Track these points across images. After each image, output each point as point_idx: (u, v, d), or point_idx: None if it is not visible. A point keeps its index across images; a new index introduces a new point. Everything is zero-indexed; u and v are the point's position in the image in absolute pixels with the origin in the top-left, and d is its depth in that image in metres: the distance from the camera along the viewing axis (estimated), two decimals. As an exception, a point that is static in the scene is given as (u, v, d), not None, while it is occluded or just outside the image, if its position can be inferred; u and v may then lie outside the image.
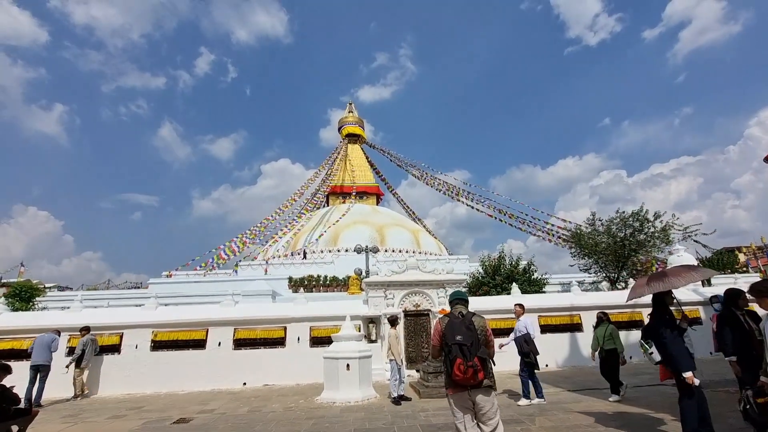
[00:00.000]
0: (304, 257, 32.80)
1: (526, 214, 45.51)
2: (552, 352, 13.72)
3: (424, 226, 55.43)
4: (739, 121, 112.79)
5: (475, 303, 14.07)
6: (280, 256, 38.41)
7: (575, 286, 15.33)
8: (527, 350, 8.44)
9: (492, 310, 13.90)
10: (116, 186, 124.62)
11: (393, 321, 9.73)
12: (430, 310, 13.49)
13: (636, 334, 14.38)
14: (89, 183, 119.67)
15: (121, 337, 12.09)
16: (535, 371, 8.46)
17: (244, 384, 11.99)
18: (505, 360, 10.63)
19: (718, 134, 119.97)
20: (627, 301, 5.81)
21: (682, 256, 24.04)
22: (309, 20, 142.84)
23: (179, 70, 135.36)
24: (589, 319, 14.23)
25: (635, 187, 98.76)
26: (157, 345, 12.12)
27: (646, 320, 14.95)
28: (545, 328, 13.98)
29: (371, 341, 12.56)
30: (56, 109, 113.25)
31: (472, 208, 50.59)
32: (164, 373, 11.84)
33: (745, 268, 28.49)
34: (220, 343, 12.27)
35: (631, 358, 14.10)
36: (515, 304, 9.31)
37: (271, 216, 48.49)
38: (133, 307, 13.35)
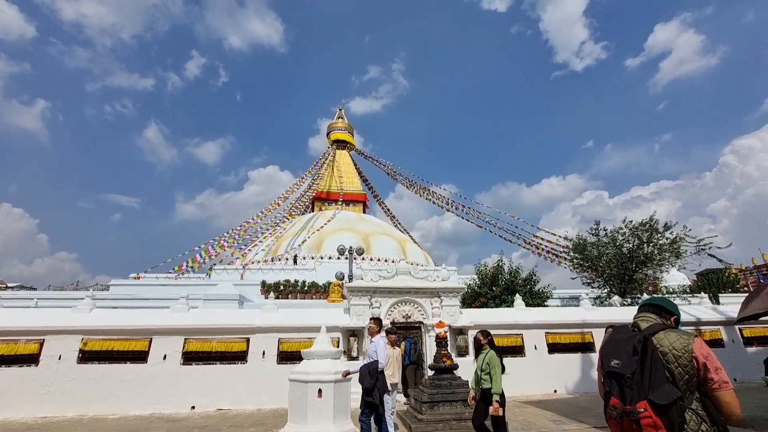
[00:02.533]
0: (295, 263, 30.56)
1: (516, 227, 44.42)
2: (561, 375, 11.88)
3: (411, 237, 53.84)
4: (714, 149, 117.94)
5: (473, 316, 12.19)
6: (259, 261, 36.18)
7: (585, 300, 13.60)
8: (369, 385, 6.28)
9: (493, 324, 12.01)
10: (97, 186, 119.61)
11: (391, 332, 7.70)
12: (422, 322, 11.53)
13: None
14: (69, 181, 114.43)
15: (41, 344, 9.72)
16: (384, 414, 6.45)
17: (193, 408, 9.73)
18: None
19: (695, 161, 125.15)
20: (739, 318, 4.04)
21: (671, 275, 22.85)
22: (305, 31, 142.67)
23: (169, 72, 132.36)
24: (602, 338, 12.48)
25: (615, 209, 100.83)
26: (87, 356, 9.80)
27: None
28: (553, 348, 12.14)
29: (352, 358, 10.50)
30: (38, 105, 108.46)
31: (462, 218, 49.21)
32: (92, 392, 9.50)
33: (745, 288, 27.36)
34: (165, 356, 10.02)
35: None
36: (370, 319, 6.95)
37: (252, 219, 46.24)
38: (61, 309, 10.99)
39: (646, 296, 14.45)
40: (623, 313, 13.44)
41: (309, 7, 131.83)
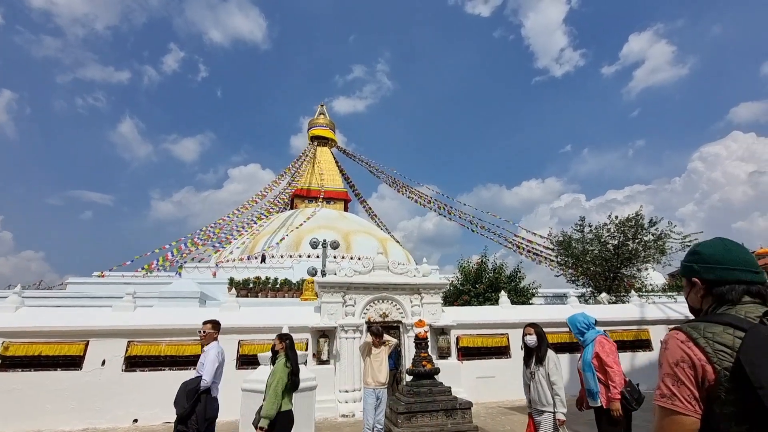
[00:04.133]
0: (263, 261, 29.14)
1: (498, 226, 44.24)
2: (548, 377, 11.09)
3: (392, 236, 53.03)
4: (684, 155, 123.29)
5: (456, 315, 11.29)
6: (234, 260, 34.62)
7: (572, 298, 12.90)
8: (183, 410, 4.59)
9: (477, 324, 11.16)
10: (66, 182, 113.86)
11: (378, 334, 6.67)
12: (400, 322, 10.53)
13: (643, 356, 12.08)
14: (36, 177, 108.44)
15: (-47, 350, 8.24)
16: None
17: (135, 421, 8.44)
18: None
19: (666, 166, 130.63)
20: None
21: (650, 275, 22.31)
22: (288, 28, 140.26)
23: (145, 65, 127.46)
24: (590, 338, 11.78)
25: (591, 211, 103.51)
26: (9, 362, 8.36)
27: (654, 339, 12.17)
28: (540, 348, 11.35)
29: (322, 362, 9.39)
30: (3, 96, 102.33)
31: (445, 217, 48.72)
32: (13, 405, 8.09)
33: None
34: (104, 362, 8.68)
35: (638, 385, 11.78)
36: (205, 323, 5.32)
37: (227, 217, 44.48)
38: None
39: (634, 294, 13.87)
40: (612, 312, 12.82)
41: (293, 4, 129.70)
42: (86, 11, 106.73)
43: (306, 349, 9.49)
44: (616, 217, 17.10)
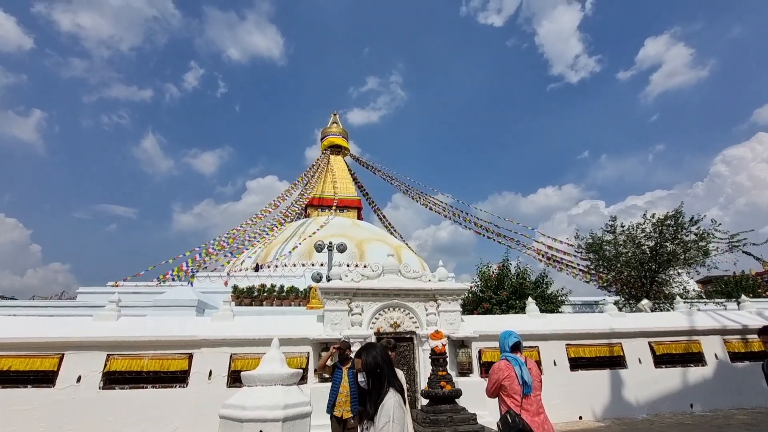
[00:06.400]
0: (256, 270, 28.71)
1: (516, 232, 42.54)
2: (587, 397, 9.61)
3: (407, 244, 51.83)
4: (706, 159, 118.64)
5: (477, 325, 9.97)
6: (247, 269, 34.22)
7: (610, 305, 11.38)
8: None
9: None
10: (93, 196, 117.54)
11: (389, 348, 5.47)
12: (414, 333, 9.29)
13: (695, 372, 10.44)
14: (64, 192, 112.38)
15: None
16: None
17: (111, 447, 7.41)
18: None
19: (688, 170, 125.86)
20: None
21: (688, 282, 19.85)
22: (304, 44, 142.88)
23: (167, 83, 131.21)
24: (634, 351, 10.27)
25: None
26: (-25, 379, 7.49)
27: (707, 351, 10.45)
28: (575, 363, 9.90)
29: (324, 379, 8.21)
30: (34, 116, 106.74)
31: (461, 225, 47.25)
32: (-22, 428, 7.19)
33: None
34: (80, 378, 7.72)
35: (692, 406, 10.18)
36: None
37: (241, 226, 44.24)
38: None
39: (680, 300, 12.24)
40: (657, 320, 11.25)
41: (309, 20, 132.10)
42: (112, 33, 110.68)
43: (306, 365, 8.35)
44: (653, 215, 15.49)
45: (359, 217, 56.14)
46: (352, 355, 5.42)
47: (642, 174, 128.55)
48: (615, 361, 10.14)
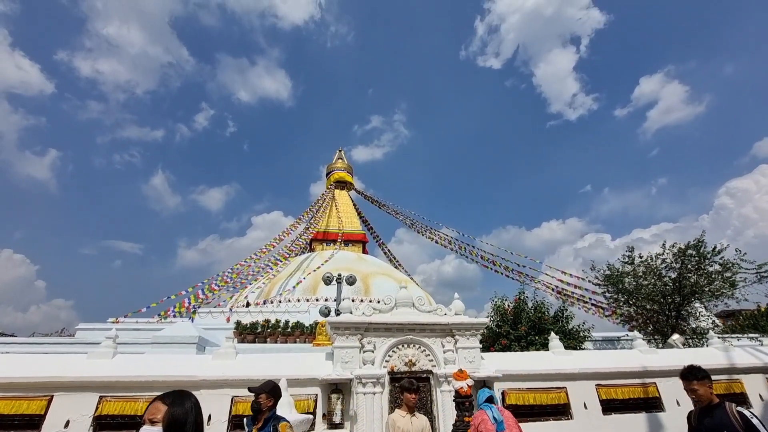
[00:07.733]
0: (247, 306, 28.23)
1: (523, 265, 41.59)
2: (623, 445, 8.69)
3: (412, 278, 50.86)
4: (709, 192, 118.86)
5: (499, 363, 9.23)
6: (250, 304, 33.43)
7: (639, 340, 10.61)
8: None
9: (526, 374, 9.03)
10: (100, 232, 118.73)
11: (411, 390, 4.96)
12: (431, 372, 8.58)
13: (739, 417, 9.52)
14: (73, 228, 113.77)
15: None
16: None
17: (96, 505, 6.61)
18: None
19: (692, 203, 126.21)
20: None
21: (707, 316, 18.22)
22: (312, 86, 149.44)
23: (178, 123, 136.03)
24: (671, 392, 9.42)
25: (617, 251, 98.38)
26: (-46, 425, 6.86)
27: (751, 391, 9.68)
28: (608, 406, 9.04)
29: (333, 425, 7.46)
30: (50, 155, 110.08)
31: (467, 257, 46.43)
32: (-49, 482, 6.47)
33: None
34: (69, 422, 7.04)
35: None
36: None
37: (245, 261, 43.75)
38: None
39: (713, 335, 11.42)
40: (691, 357, 10.42)
41: (317, 64, 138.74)
42: (128, 78, 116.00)
43: (314, 409, 7.62)
44: (673, 244, 14.92)
45: (364, 251, 55.58)
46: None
47: (646, 207, 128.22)
48: (651, 403, 9.27)
